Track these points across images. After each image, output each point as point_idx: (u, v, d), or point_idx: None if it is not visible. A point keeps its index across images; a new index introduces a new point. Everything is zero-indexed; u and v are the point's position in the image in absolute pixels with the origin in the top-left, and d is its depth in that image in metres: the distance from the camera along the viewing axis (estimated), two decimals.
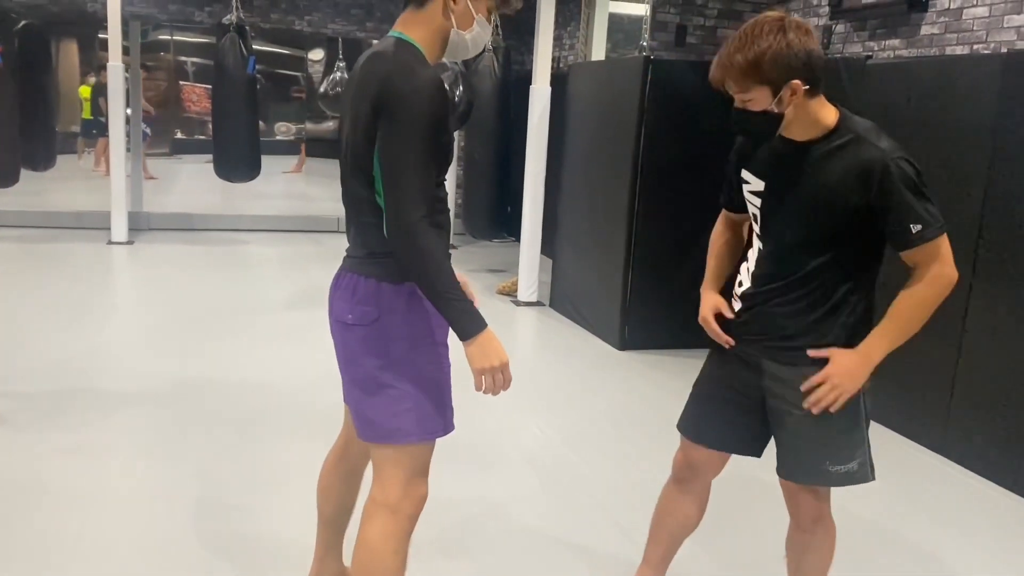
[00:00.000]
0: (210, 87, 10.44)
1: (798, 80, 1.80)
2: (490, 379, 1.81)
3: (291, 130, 18.10)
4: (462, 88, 6.15)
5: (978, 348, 3.67)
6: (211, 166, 7.84)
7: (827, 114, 1.91)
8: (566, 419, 4.11)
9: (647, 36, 6.94)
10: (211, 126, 8.49)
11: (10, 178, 7.31)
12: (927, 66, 4.13)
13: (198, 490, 3.08)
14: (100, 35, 12.43)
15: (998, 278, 3.57)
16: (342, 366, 1.97)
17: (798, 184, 1.93)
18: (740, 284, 2.11)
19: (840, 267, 1.94)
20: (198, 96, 17.17)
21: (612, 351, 5.35)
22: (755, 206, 2.04)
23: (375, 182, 1.79)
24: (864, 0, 5.38)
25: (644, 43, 6.96)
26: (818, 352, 1.94)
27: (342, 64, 10.06)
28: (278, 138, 17.69)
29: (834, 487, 2.08)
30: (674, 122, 5.08)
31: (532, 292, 6.46)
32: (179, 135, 17.58)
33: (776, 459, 2.08)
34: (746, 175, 2.06)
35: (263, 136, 8.51)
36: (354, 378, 1.92)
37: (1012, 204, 3.51)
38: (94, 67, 13.55)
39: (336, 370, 2.00)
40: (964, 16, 4.72)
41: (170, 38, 17.15)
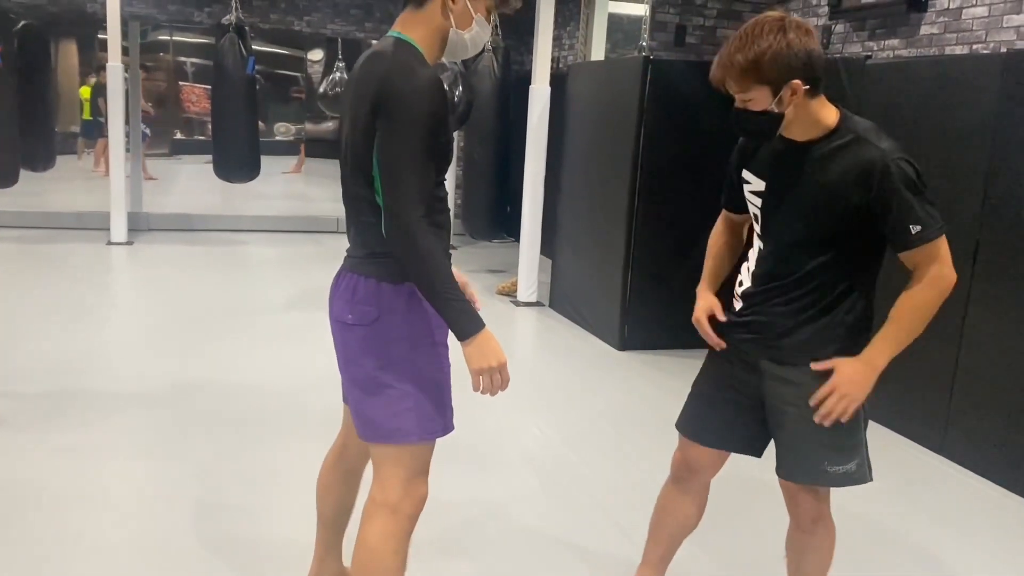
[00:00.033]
0: (209, 87, 10.44)
1: (798, 80, 1.81)
2: (488, 379, 1.81)
3: (290, 130, 18.09)
4: (461, 88, 6.14)
5: (978, 348, 3.67)
6: (211, 167, 7.83)
7: (828, 114, 1.91)
8: (566, 419, 4.11)
9: (646, 36, 6.93)
10: (210, 126, 8.49)
11: (9, 178, 7.31)
12: (927, 66, 4.13)
13: (198, 490, 3.08)
14: (99, 35, 12.41)
15: (998, 278, 3.57)
16: (342, 366, 1.97)
17: (798, 184, 1.93)
18: (741, 284, 2.11)
19: (840, 267, 1.94)
20: (197, 96, 17.17)
21: (612, 351, 5.35)
22: (756, 206, 2.04)
23: (375, 182, 1.79)
24: (863, 0, 5.38)
25: (643, 43, 6.96)
26: (822, 364, 1.93)
27: (341, 64, 10.06)
28: (277, 138, 17.68)
29: (833, 487, 2.08)
30: (673, 122, 5.09)
31: (532, 292, 6.46)
32: (178, 135, 17.57)
33: (776, 459, 2.08)
34: (747, 175, 2.06)
35: (262, 136, 8.50)
36: (354, 378, 1.92)
37: (1012, 204, 3.51)
38: (94, 68, 13.54)
39: (335, 370, 2.00)
40: (963, 16, 4.72)
41: (169, 38, 17.14)
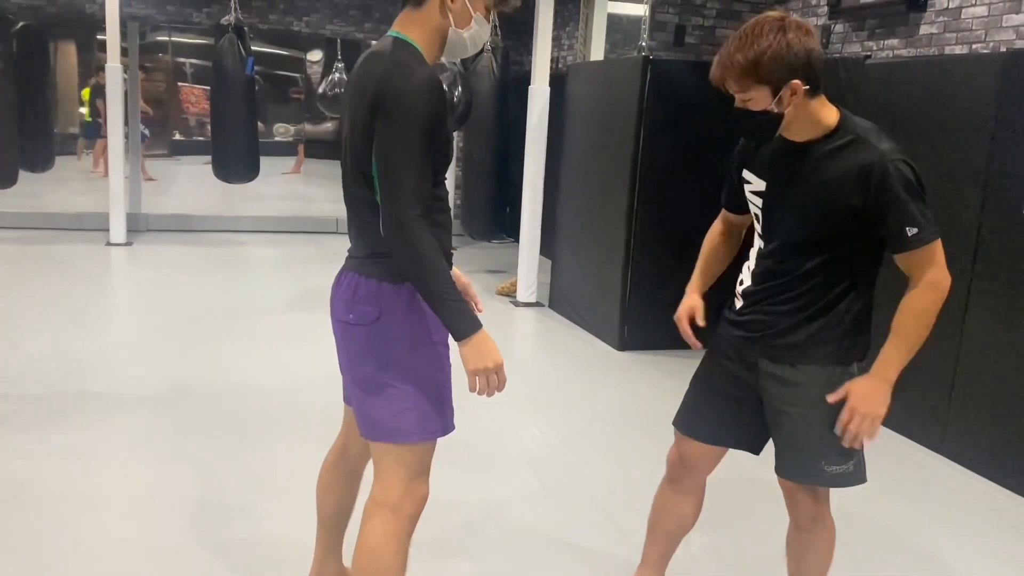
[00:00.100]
0: (209, 88, 10.44)
1: (798, 80, 1.81)
2: (484, 380, 1.80)
3: (290, 131, 18.09)
4: (461, 88, 6.15)
5: (978, 348, 3.67)
6: (210, 167, 7.82)
7: (828, 114, 1.91)
8: (565, 419, 4.11)
9: (646, 36, 6.93)
10: (210, 127, 8.48)
11: (8, 179, 7.30)
12: (926, 66, 4.13)
13: (198, 491, 3.08)
14: (98, 36, 12.41)
15: (998, 278, 3.57)
16: (343, 366, 1.97)
17: (798, 184, 1.93)
18: (741, 282, 2.11)
19: (840, 267, 1.94)
20: (196, 97, 17.16)
21: (611, 351, 5.35)
22: (756, 206, 2.04)
23: (374, 182, 1.79)
24: (863, 0, 5.38)
25: (643, 43, 6.97)
26: (836, 395, 1.94)
27: (340, 65, 10.04)
28: (277, 139, 17.68)
29: (830, 488, 2.08)
30: (673, 122, 5.08)
31: (531, 293, 6.46)
32: (178, 136, 17.57)
33: (774, 458, 2.09)
34: (748, 175, 2.06)
35: (262, 137, 8.50)
36: (355, 378, 1.92)
37: (1012, 204, 3.51)
38: (93, 69, 13.54)
39: (335, 371, 2.00)
40: (963, 16, 4.72)
41: (168, 39, 17.12)
